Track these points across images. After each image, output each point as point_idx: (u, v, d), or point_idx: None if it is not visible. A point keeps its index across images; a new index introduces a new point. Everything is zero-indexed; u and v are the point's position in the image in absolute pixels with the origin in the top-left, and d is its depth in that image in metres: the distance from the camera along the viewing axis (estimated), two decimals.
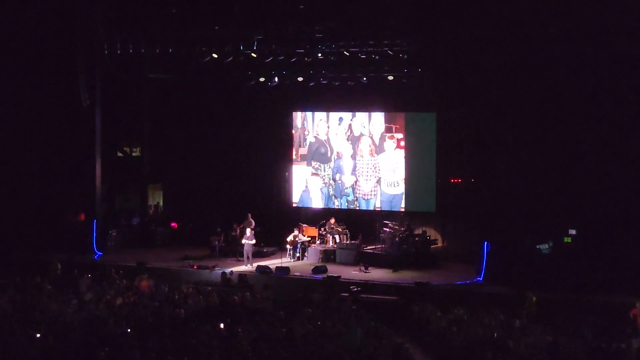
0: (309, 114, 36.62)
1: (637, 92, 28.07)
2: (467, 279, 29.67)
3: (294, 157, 36.97)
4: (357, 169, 35.50)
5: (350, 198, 35.72)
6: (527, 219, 29.49)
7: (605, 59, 28.05)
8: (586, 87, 28.49)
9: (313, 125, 36.49)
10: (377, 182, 35.09)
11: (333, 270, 31.31)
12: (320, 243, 34.49)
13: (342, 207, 35.98)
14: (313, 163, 36.51)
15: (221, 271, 30.65)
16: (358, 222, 35.09)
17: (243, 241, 32.69)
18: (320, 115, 36.37)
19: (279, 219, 37.09)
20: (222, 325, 21.55)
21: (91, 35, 34.14)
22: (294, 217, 36.34)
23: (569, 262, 28.05)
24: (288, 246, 33.81)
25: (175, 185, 40.26)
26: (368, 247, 33.60)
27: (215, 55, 34.00)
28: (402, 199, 34.71)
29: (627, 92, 28.15)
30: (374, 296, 28.00)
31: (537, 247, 29.14)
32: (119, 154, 40.52)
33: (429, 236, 34.17)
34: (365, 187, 35.31)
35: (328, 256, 33.41)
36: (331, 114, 36.16)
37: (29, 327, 20.75)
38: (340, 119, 35.88)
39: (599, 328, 22.38)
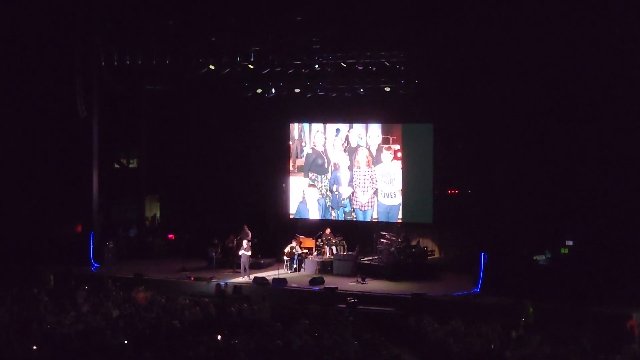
0: (306, 125, 36.61)
1: (633, 105, 28.11)
2: (464, 290, 29.64)
3: (291, 168, 36.95)
4: (354, 180, 35.47)
5: (347, 209, 35.69)
6: (524, 230, 29.50)
7: (605, 74, 28.05)
8: (584, 99, 28.50)
9: (310, 137, 36.48)
10: (374, 193, 35.06)
11: (330, 281, 31.32)
12: (317, 254, 34.48)
13: (339, 219, 35.95)
14: (310, 174, 36.49)
15: (215, 283, 30.65)
16: (355, 234, 35.07)
17: (240, 252, 32.67)
18: (317, 126, 36.36)
19: (276, 230, 37.09)
20: (219, 337, 21.53)
21: (88, 47, 34.17)
22: (291, 228, 36.31)
23: (566, 273, 28.06)
24: (285, 257, 33.80)
25: (172, 196, 40.23)
26: (365, 259, 33.60)
27: (212, 67, 34.05)
28: (399, 210, 34.67)
29: (623, 105, 28.17)
30: (371, 307, 27.98)
31: (534, 258, 29.15)
32: (116, 166, 40.49)
33: (426, 247, 34.20)
34: (362, 198, 35.29)
35: (325, 267, 33.42)
36: (328, 125, 36.14)
37: (26, 339, 20.73)
38: (337, 130, 35.88)
39: (596, 339, 22.37)
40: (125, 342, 21.05)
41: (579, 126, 28.71)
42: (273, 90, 35.78)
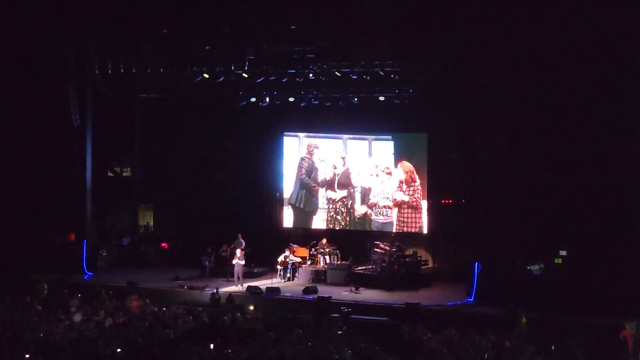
0: (300, 134, 36.59)
1: (626, 117, 28.15)
2: (457, 300, 29.64)
3: (284, 178, 36.87)
4: (348, 190, 35.42)
5: (340, 218, 35.62)
6: (518, 239, 29.49)
7: (600, 83, 28.09)
8: (578, 108, 28.52)
9: (304, 146, 36.42)
10: (369, 203, 35.01)
11: (324, 290, 31.29)
12: (310, 263, 34.43)
13: (334, 228, 35.89)
14: (305, 185, 36.43)
15: (211, 292, 30.61)
16: (349, 243, 35.04)
17: (233, 261, 32.62)
18: (310, 135, 36.33)
19: (270, 239, 37.05)
20: (212, 346, 21.47)
21: (82, 55, 34.15)
22: (284, 237, 36.28)
23: (560, 283, 28.06)
24: (278, 266, 33.75)
25: (166, 205, 40.23)
26: (359, 268, 33.56)
27: (206, 75, 34.04)
28: (393, 219, 34.64)
29: (617, 117, 28.20)
30: (364, 317, 27.93)
31: (528, 268, 29.15)
32: (110, 174, 40.48)
33: (420, 257, 34.15)
34: (360, 209, 35.22)
35: (319, 277, 33.38)
36: (321, 134, 36.14)
37: (18, 348, 20.66)
38: (331, 139, 35.86)
39: (589, 349, 22.36)
40: (118, 350, 20.98)
41: (573, 136, 28.72)
42: (267, 99, 35.79)
